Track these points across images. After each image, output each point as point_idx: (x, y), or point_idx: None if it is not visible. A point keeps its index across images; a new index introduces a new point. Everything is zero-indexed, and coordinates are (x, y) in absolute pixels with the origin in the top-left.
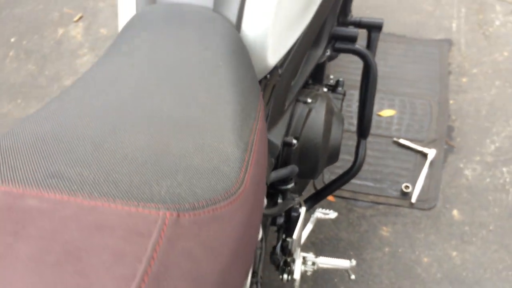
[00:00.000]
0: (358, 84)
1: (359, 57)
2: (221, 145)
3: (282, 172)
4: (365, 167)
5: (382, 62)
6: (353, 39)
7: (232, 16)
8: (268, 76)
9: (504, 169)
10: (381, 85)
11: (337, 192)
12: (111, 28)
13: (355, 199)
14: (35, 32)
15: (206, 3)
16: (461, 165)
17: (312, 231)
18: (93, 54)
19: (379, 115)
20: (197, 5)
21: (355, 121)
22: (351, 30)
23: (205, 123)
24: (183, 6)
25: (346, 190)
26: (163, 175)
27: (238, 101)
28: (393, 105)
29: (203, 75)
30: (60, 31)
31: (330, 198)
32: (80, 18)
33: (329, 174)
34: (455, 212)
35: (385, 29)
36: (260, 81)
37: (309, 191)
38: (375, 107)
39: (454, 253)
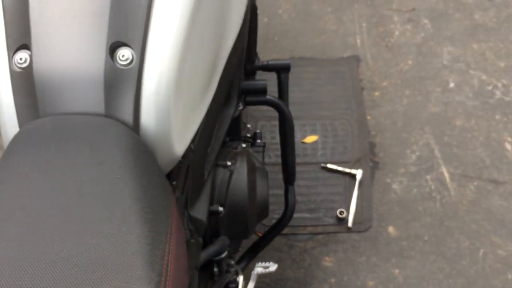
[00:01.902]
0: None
1: (272, 107)
2: (130, 286)
3: (212, 249)
4: (298, 198)
5: (297, 88)
6: (262, 91)
7: (128, 117)
8: (181, 159)
9: (428, 177)
10: (300, 111)
11: None
12: None
13: (294, 234)
14: None
15: (97, 109)
16: (388, 180)
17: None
18: None
19: (303, 142)
20: (86, 112)
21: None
22: (259, 82)
23: (111, 260)
24: (70, 117)
25: None
26: None
27: (145, 220)
28: (315, 130)
29: (103, 197)
30: None
31: None
32: None
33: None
34: (390, 229)
35: (294, 53)
36: (172, 170)
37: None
38: (298, 135)
39: (397, 271)
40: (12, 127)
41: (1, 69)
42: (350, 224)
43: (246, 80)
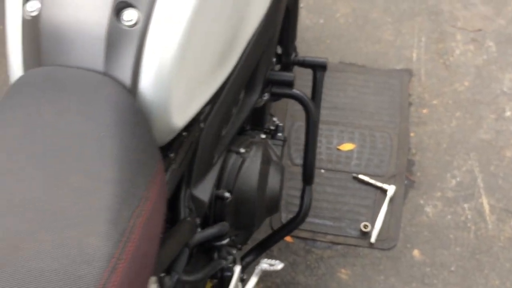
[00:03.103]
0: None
1: (298, 102)
2: (87, 239)
3: (209, 232)
4: (323, 204)
5: (342, 94)
6: (289, 84)
7: (126, 78)
8: (185, 133)
9: (466, 205)
10: (340, 117)
11: (295, 232)
12: None
13: (313, 240)
14: None
15: (96, 65)
16: (422, 202)
17: (261, 280)
18: None
19: (338, 149)
20: (85, 68)
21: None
22: (286, 74)
23: (73, 211)
24: (67, 69)
25: (304, 230)
26: (11, 286)
27: (120, 179)
28: (352, 138)
29: (82, 151)
30: None
31: (288, 239)
32: None
33: (286, 213)
34: (416, 252)
35: (344, 58)
36: (173, 141)
37: (265, 232)
38: (335, 141)
39: None
40: (18, 73)
41: (15, 16)
42: (373, 239)
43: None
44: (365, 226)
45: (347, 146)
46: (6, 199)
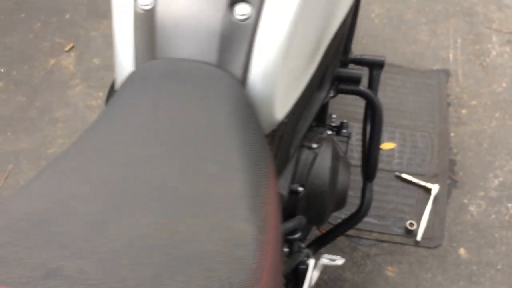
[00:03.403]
0: (356, 115)
1: (363, 99)
2: (234, 224)
3: (289, 225)
4: None
5: (381, 94)
6: (356, 81)
7: (237, 71)
8: (275, 127)
9: (509, 205)
10: None
11: None
12: (104, 58)
13: (358, 237)
14: (25, 62)
15: (210, 58)
16: (465, 201)
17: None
18: (86, 85)
19: (379, 148)
20: (199, 60)
21: (355, 154)
22: (354, 71)
23: (215, 197)
24: (184, 62)
25: None
26: (175, 268)
27: (249, 168)
28: (393, 137)
29: (209, 141)
30: (52, 61)
31: None
32: (72, 48)
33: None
34: (461, 251)
35: None
36: (267, 136)
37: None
38: None
39: None
40: (127, 65)
41: (126, 9)
42: (419, 237)
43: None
44: (411, 225)
45: (388, 145)
46: (148, 186)
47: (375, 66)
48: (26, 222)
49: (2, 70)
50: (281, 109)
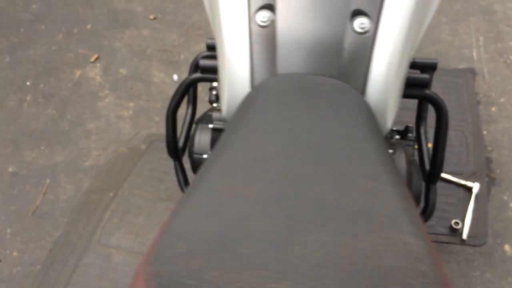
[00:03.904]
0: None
1: (429, 103)
2: (404, 238)
3: None
4: None
5: None
6: (425, 85)
7: (357, 83)
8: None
9: None
10: (411, 117)
11: None
12: (130, 68)
13: None
14: (51, 74)
15: (332, 72)
16: (505, 198)
17: None
18: (115, 96)
19: (415, 149)
20: (322, 74)
21: None
22: (422, 75)
23: (375, 212)
24: (309, 77)
25: None
26: (376, 285)
27: (393, 180)
28: (428, 137)
29: (350, 155)
30: (78, 72)
31: None
32: (97, 58)
33: None
34: (507, 247)
35: None
36: None
37: None
38: None
39: None
40: (243, 81)
41: (240, 26)
42: (465, 236)
43: None
44: (456, 224)
45: None
46: (311, 204)
47: (428, 69)
48: (209, 244)
49: (28, 83)
50: (391, 117)
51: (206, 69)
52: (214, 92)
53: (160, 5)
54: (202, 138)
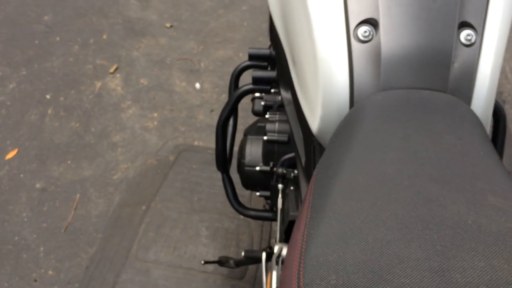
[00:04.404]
0: None
1: None
2: None
3: None
4: None
5: None
6: None
7: (464, 97)
8: None
9: None
10: None
11: None
12: (151, 78)
13: None
14: (71, 86)
15: (440, 85)
16: None
17: None
18: (138, 107)
19: None
20: (429, 88)
21: None
22: None
23: None
24: (418, 92)
25: None
26: None
27: None
28: None
29: (474, 171)
30: (98, 84)
31: None
32: (116, 69)
33: None
34: None
35: None
36: None
37: None
38: None
39: None
40: (341, 98)
41: (338, 42)
42: None
43: None
44: None
45: None
46: (453, 226)
47: None
48: (363, 275)
49: (48, 96)
50: (488, 129)
51: (258, 80)
52: (262, 103)
53: (175, 13)
54: (253, 150)
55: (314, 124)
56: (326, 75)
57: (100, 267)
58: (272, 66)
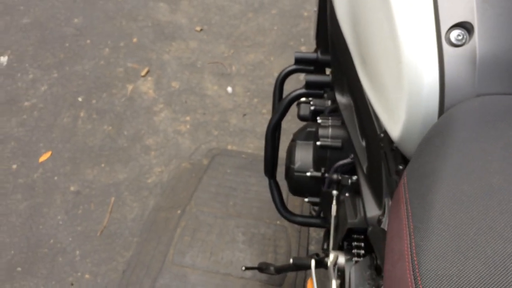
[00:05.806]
0: None
1: None
2: None
3: None
4: None
5: None
6: None
7: None
8: None
9: None
10: None
11: None
12: (182, 81)
13: None
14: (103, 89)
15: None
16: None
17: None
18: (170, 110)
19: None
20: None
21: None
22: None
23: None
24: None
25: None
26: None
27: None
28: None
29: None
30: (129, 87)
31: None
32: (147, 72)
33: None
34: None
35: None
36: None
37: None
38: None
39: None
40: (429, 103)
41: (428, 46)
42: None
43: None
44: None
45: None
46: None
47: None
48: None
49: (80, 99)
50: None
51: (312, 85)
52: (312, 108)
53: (205, 16)
54: (303, 156)
55: (395, 130)
56: (412, 79)
57: (137, 271)
58: (318, 70)
